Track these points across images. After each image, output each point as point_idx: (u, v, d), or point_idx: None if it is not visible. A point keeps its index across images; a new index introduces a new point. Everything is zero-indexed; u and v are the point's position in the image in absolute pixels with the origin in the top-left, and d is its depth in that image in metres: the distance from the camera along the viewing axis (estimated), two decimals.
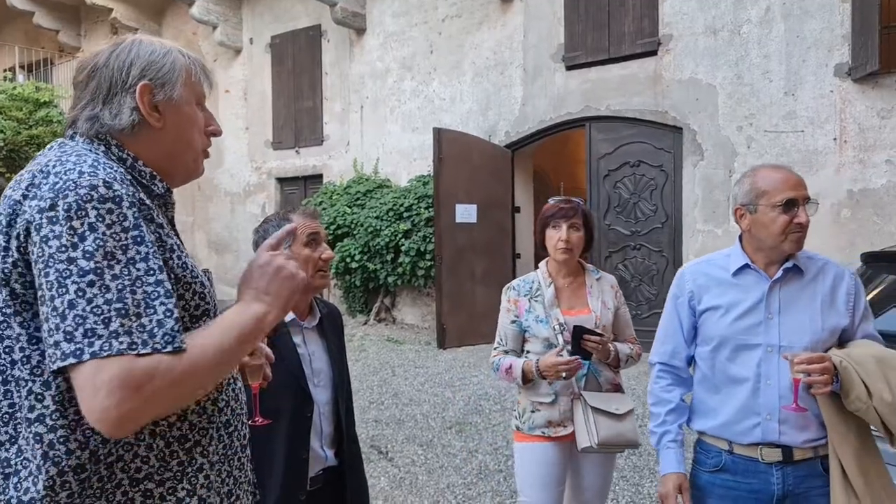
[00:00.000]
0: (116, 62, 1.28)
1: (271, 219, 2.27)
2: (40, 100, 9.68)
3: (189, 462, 1.24)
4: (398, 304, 10.58)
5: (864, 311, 2.05)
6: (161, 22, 13.89)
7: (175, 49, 1.35)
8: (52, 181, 1.11)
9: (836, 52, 7.03)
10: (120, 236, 1.10)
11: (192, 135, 1.36)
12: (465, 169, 8.86)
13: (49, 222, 1.08)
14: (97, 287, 1.05)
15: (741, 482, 2.05)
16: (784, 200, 2.00)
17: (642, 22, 8.33)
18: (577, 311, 2.75)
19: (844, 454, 1.91)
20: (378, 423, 5.70)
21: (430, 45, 10.31)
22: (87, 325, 1.03)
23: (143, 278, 1.10)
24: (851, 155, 6.96)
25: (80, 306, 1.04)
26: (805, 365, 1.87)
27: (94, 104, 1.27)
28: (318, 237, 2.19)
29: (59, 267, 1.06)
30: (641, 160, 8.42)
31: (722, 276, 2.16)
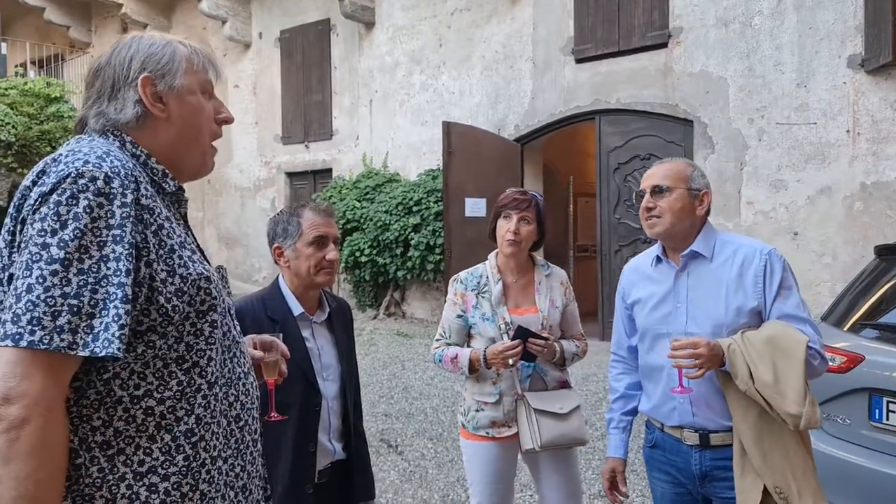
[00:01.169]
0: (118, 59, 1.31)
1: (284, 211, 2.26)
2: (51, 95, 9.72)
3: (194, 457, 1.23)
4: (408, 298, 10.58)
5: (777, 291, 2.04)
6: (171, 17, 13.92)
7: (175, 41, 1.36)
8: (59, 168, 1.13)
9: (850, 44, 6.96)
10: (102, 232, 1.10)
11: (199, 123, 1.37)
12: (475, 163, 8.85)
13: (42, 204, 1.10)
14: (59, 277, 1.06)
15: (670, 458, 2.20)
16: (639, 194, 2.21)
17: (652, 14, 8.28)
18: (524, 310, 2.67)
19: (743, 433, 1.99)
20: (388, 417, 5.70)
21: (440, 39, 10.29)
22: (35, 312, 1.04)
23: (110, 278, 1.10)
24: (864, 147, 6.90)
25: (35, 292, 1.04)
26: (672, 350, 1.97)
27: (100, 101, 1.30)
28: (325, 239, 2.17)
29: (33, 249, 1.07)
30: (652, 153, 8.36)
31: (646, 269, 2.28)
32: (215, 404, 1.29)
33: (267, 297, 2.23)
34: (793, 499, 1.93)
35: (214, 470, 1.27)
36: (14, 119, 9.06)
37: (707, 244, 2.14)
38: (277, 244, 2.21)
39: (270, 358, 1.67)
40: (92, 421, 1.14)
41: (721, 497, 2.10)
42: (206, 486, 1.25)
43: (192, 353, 1.25)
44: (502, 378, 2.63)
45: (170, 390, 1.21)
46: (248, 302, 2.22)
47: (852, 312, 3.36)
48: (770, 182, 7.44)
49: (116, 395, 1.16)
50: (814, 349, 1.97)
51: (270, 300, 2.22)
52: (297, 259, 2.16)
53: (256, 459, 1.41)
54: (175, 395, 1.21)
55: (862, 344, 3.10)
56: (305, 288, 2.21)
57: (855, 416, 3.01)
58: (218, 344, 1.30)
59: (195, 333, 1.25)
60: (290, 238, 2.17)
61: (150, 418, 1.19)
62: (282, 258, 2.21)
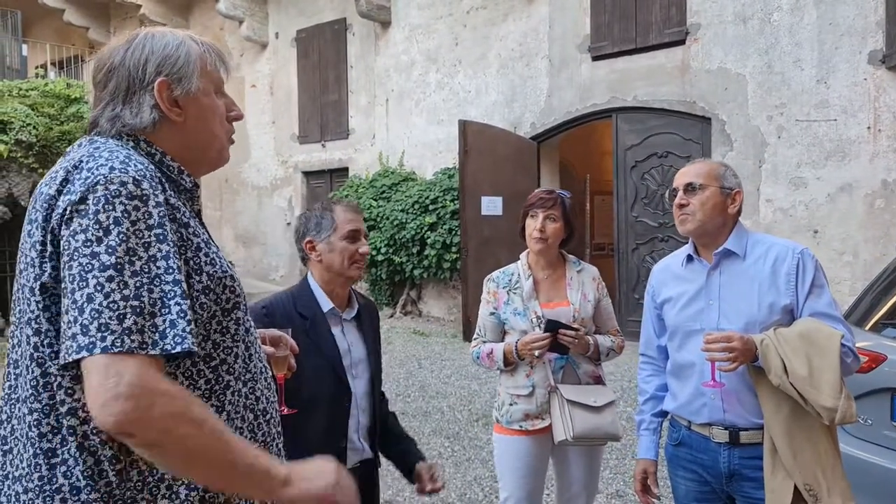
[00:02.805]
0: (132, 60, 1.28)
1: (316, 207, 2.26)
2: (71, 96, 9.80)
3: None
4: (424, 296, 10.60)
5: (809, 289, 2.06)
6: (188, 17, 14.01)
7: (188, 38, 1.34)
8: (83, 176, 1.12)
9: (870, 39, 6.88)
10: (143, 233, 1.11)
11: (213, 124, 1.37)
12: (491, 161, 8.84)
13: (78, 215, 1.09)
14: (116, 282, 1.06)
15: (697, 456, 2.20)
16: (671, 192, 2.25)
17: (670, 10, 8.22)
18: (555, 304, 2.71)
19: (774, 430, 1.98)
20: (405, 416, 5.71)
21: (456, 38, 10.28)
22: (101, 319, 1.04)
23: (162, 276, 1.10)
24: (886, 144, 6.81)
25: (97, 300, 1.05)
26: (705, 344, 1.97)
27: (114, 104, 1.28)
28: (358, 233, 2.19)
29: (82, 261, 1.07)
30: (669, 151, 8.32)
31: (676, 269, 2.31)
32: (243, 400, 1.30)
33: (297, 293, 2.23)
34: (822, 496, 1.92)
35: None
36: (35, 120, 9.15)
37: (740, 243, 2.16)
38: (310, 238, 2.20)
39: (280, 353, 1.69)
40: None
41: (748, 496, 2.09)
42: None
43: (218, 350, 1.25)
44: (535, 370, 2.67)
45: (199, 389, 1.22)
46: (278, 298, 2.22)
47: (874, 312, 3.33)
48: (790, 179, 7.37)
49: None
50: (847, 347, 1.97)
51: (300, 296, 2.21)
52: (330, 252, 2.16)
53: (281, 452, 1.43)
54: (204, 394, 1.22)
55: (884, 343, 3.07)
56: (337, 282, 2.22)
57: (877, 416, 2.98)
58: (242, 341, 1.31)
59: (221, 331, 1.26)
60: (324, 232, 2.17)
61: None
62: (313, 252, 2.19)
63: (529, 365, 2.67)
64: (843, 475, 1.97)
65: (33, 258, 1.15)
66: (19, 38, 12.80)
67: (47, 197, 1.15)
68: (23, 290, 1.18)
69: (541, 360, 2.64)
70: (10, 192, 9.16)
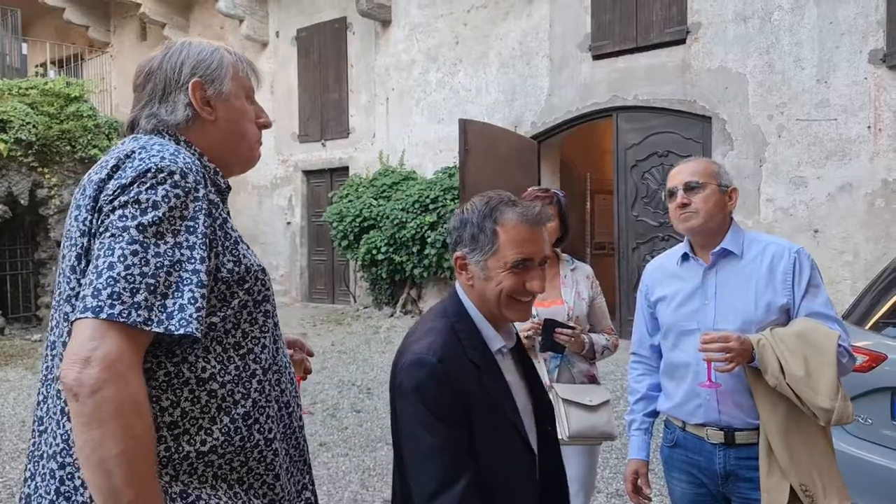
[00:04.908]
0: (169, 64, 1.38)
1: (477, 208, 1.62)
2: (71, 95, 9.79)
3: (248, 438, 1.29)
4: (424, 295, 10.59)
5: (806, 289, 2.05)
6: (188, 17, 14.00)
7: (222, 47, 1.45)
8: (135, 164, 1.20)
9: (871, 39, 6.87)
10: (176, 221, 1.18)
11: (244, 126, 1.46)
12: (491, 160, 8.82)
13: (123, 193, 1.17)
14: (138, 258, 1.12)
15: (692, 458, 2.18)
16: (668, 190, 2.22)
17: (671, 10, 8.22)
18: (550, 303, 2.72)
19: (771, 430, 1.97)
20: None
21: (456, 37, 10.27)
22: (115, 287, 1.10)
23: (183, 263, 1.17)
24: (886, 143, 6.81)
25: (117, 269, 1.11)
26: (702, 344, 1.96)
27: (151, 104, 1.38)
28: (530, 262, 1.54)
29: (115, 232, 1.14)
30: (670, 150, 8.31)
31: (671, 267, 2.29)
32: (269, 389, 1.35)
33: (459, 327, 1.58)
34: (818, 496, 1.92)
35: (268, 451, 1.33)
36: (35, 118, 9.14)
37: (737, 242, 2.15)
38: (461, 253, 1.61)
39: (297, 356, 1.71)
40: (161, 402, 1.20)
41: (744, 497, 2.08)
42: (256, 464, 1.31)
43: (247, 339, 1.31)
44: None
45: (229, 374, 1.27)
46: (445, 341, 1.54)
47: (874, 311, 3.32)
48: (790, 179, 7.37)
49: (184, 377, 1.22)
50: (843, 346, 1.97)
51: (464, 332, 1.58)
52: (485, 281, 1.56)
53: (301, 444, 1.47)
54: (233, 380, 1.28)
55: (884, 343, 3.07)
56: (492, 316, 1.61)
57: (877, 415, 2.98)
58: (270, 333, 1.37)
59: (250, 322, 1.32)
60: (479, 251, 1.56)
61: (213, 400, 1.24)
62: (464, 273, 1.61)
63: None
64: (838, 475, 1.97)
65: (76, 238, 1.22)
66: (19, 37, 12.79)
67: (97, 181, 1.22)
68: (64, 271, 1.24)
69: (534, 354, 2.64)
70: (9, 190, 9.16)
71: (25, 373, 7.51)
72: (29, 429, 5.42)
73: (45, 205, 9.59)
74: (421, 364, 1.47)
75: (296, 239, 12.58)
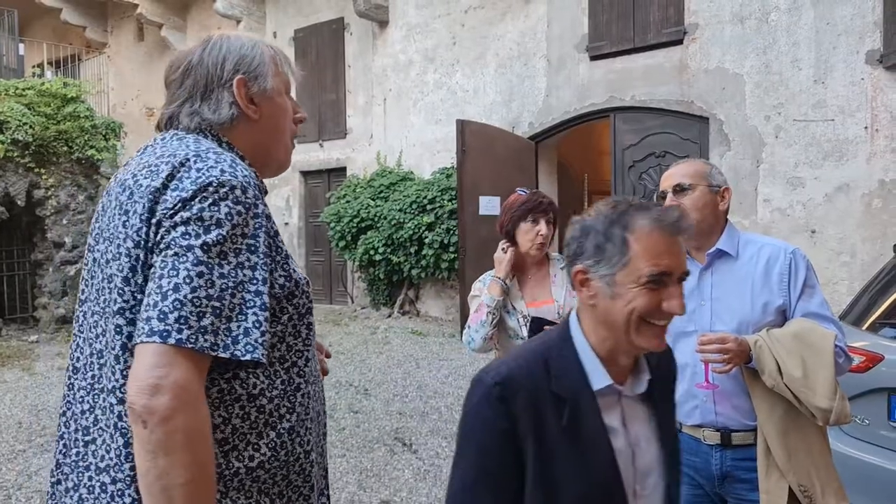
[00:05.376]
0: (210, 59, 1.34)
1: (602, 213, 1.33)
2: (68, 95, 9.77)
3: (291, 451, 1.28)
4: (422, 296, 10.59)
5: (802, 290, 2.06)
6: (185, 17, 13.99)
7: (260, 42, 1.41)
8: (194, 175, 1.16)
9: (868, 39, 6.88)
10: (238, 239, 1.15)
11: (284, 124, 1.43)
12: (489, 161, 8.83)
13: (184, 209, 1.13)
14: (204, 279, 1.09)
15: (688, 459, 2.15)
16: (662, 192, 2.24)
17: (668, 10, 8.22)
18: (540, 302, 2.72)
19: (769, 431, 1.97)
20: (402, 416, 5.71)
21: (453, 37, 10.27)
22: (182, 311, 1.07)
23: (246, 284, 1.14)
24: (883, 144, 6.82)
25: (182, 292, 1.08)
26: (700, 345, 1.95)
27: (192, 101, 1.34)
28: (667, 277, 1.26)
29: (178, 251, 1.10)
30: (667, 151, 8.32)
31: None
32: (309, 402, 1.34)
33: (553, 355, 1.33)
34: (816, 496, 1.92)
35: (307, 463, 1.32)
36: (31, 119, 9.13)
37: (732, 242, 2.15)
38: (582, 266, 1.32)
39: None
40: (213, 419, 1.17)
41: (741, 498, 2.08)
42: (296, 476, 1.30)
43: (291, 353, 1.29)
44: None
45: (276, 389, 1.26)
46: (520, 365, 1.31)
47: (871, 311, 3.33)
48: (787, 179, 7.38)
49: (236, 393, 1.20)
50: (839, 347, 1.97)
51: (558, 362, 1.32)
52: (612, 300, 1.28)
53: (324, 451, 1.47)
54: (280, 394, 1.26)
55: (881, 343, 3.07)
56: (622, 345, 1.31)
57: (874, 415, 2.98)
58: (312, 345, 1.36)
59: (294, 335, 1.30)
60: (605, 263, 1.29)
61: (261, 416, 1.23)
62: (584, 290, 1.33)
63: None
64: (836, 475, 1.98)
65: (129, 248, 1.16)
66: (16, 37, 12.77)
67: (152, 189, 1.17)
68: (111, 279, 1.18)
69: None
70: (6, 191, 9.14)
71: (22, 374, 7.49)
72: (26, 430, 5.42)
73: (41, 205, 9.58)
74: (477, 383, 1.31)
75: (293, 239, 12.57)
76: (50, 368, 7.77)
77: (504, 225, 2.79)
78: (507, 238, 2.79)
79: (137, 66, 15.08)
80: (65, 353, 8.60)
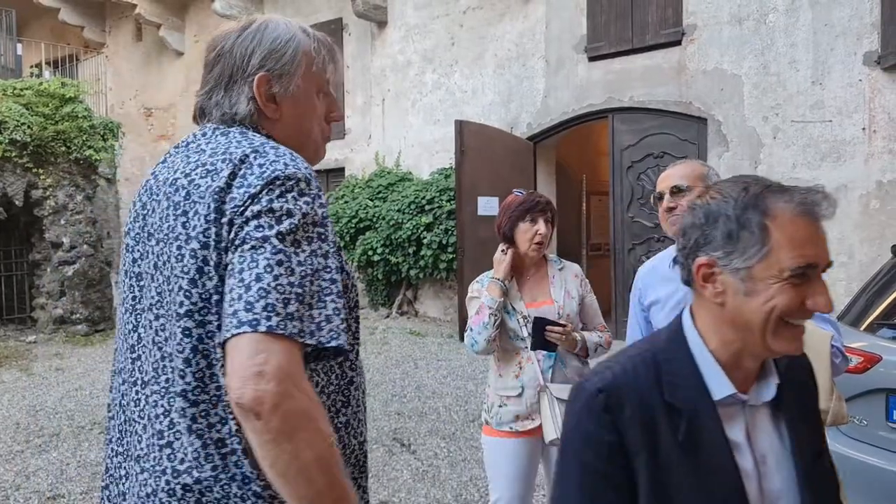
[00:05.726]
0: (240, 48, 1.30)
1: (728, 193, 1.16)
2: (66, 95, 9.75)
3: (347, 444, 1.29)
4: (420, 297, 10.59)
5: None
6: (184, 17, 13.98)
7: (300, 33, 1.34)
8: (257, 170, 1.14)
9: (865, 41, 6.90)
10: (309, 228, 1.13)
11: (310, 125, 1.37)
12: (488, 161, 8.83)
13: (253, 203, 1.11)
14: (284, 267, 1.08)
15: None
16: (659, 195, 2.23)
17: (666, 11, 8.24)
18: (539, 303, 2.73)
19: None
20: (400, 416, 5.71)
21: (452, 38, 10.28)
22: (268, 299, 1.05)
23: (321, 273, 1.13)
24: (881, 145, 6.83)
25: (265, 280, 1.06)
26: None
27: (217, 90, 1.30)
28: (812, 270, 1.16)
29: (254, 244, 1.09)
30: (665, 151, 8.33)
31: (664, 271, 2.26)
32: (359, 395, 1.34)
33: (663, 359, 1.17)
34: None
35: (360, 454, 1.33)
36: (30, 119, 9.11)
37: None
38: (708, 259, 1.14)
39: None
40: None
41: None
42: (352, 468, 1.30)
43: None
44: (524, 371, 2.67)
45: (332, 384, 1.26)
46: (626, 371, 1.16)
47: (869, 312, 3.33)
48: (785, 180, 7.21)
49: (332, 382, 1.21)
50: (835, 347, 1.97)
51: (670, 367, 1.16)
52: (746, 297, 1.11)
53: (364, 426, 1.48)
54: (335, 389, 1.26)
55: (879, 344, 3.08)
56: (749, 348, 1.14)
57: (872, 416, 2.99)
58: (359, 338, 1.35)
59: (345, 329, 1.28)
60: (738, 255, 1.11)
61: None
62: (710, 286, 1.15)
63: (518, 366, 2.68)
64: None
65: (193, 249, 1.14)
66: (14, 37, 12.76)
67: (215, 190, 1.14)
68: (171, 280, 1.16)
69: (536, 360, 2.64)
70: (4, 191, 9.13)
71: (20, 374, 7.48)
72: (24, 430, 5.42)
73: (39, 206, 9.56)
74: (578, 391, 1.17)
75: None
76: (48, 369, 7.76)
77: (502, 226, 2.80)
78: (504, 240, 2.80)
79: (135, 67, 15.07)
80: (62, 354, 8.59)
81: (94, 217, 10.11)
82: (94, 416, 5.90)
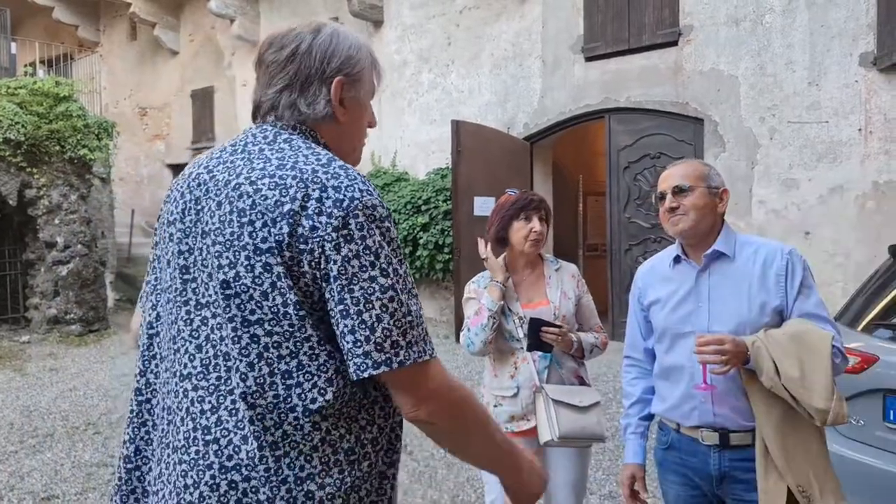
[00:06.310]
0: (319, 50, 1.32)
1: None
2: (60, 94, 9.71)
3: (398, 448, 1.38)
4: None
5: (799, 290, 2.06)
6: (179, 16, 13.94)
7: (365, 46, 1.40)
8: (334, 196, 1.16)
9: (862, 42, 6.91)
10: (396, 253, 1.21)
11: (362, 130, 1.43)
12: (484, 161, 8.82)
13: (346, 241, 1.15)
14: (395, 302, 1.17)
15: (686, 460, 2.18)
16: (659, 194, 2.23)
17: (663, 12, 8.24)
18: (536, 304, 2.72)
19: (766, 432, 1.97)
20: None
21: (448, 37, 10.27)
22: (392, 337, 1.15)
23: (411, 291, 1.22)
24: (877, 146, 6.84)
25: (385, 320, 1.15)
26: (698, 346, 1.96)
27: (291, 90, 1.32)
28: None
29: (364, 285, 1.15)
30: (662, 152, 8.33)
31: (663, 270, 2.28)
32: None
33: None
34: (815, 497, 1.92)
35: (397, 456, 1.40)
36: (23, 118, 9.07)
37: (728, 244, 2.15)
38: None
39: None
40: (366, 434, 1.26)
41: (739, 499, 2.08)
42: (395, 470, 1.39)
43: None
44: (520, 371, 2.65)
45: None
46: None
47: (866, 312, 3.33)
48: (782, 181, 7.39)
49: (372, 396, 1.26)
50: (836, 347, 1.97)
51: None
52: None
53: None
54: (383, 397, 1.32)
55: (876, 344, 3.08)
56: None
57: (869, 417, 2.99)
58: None
59: None
60: None
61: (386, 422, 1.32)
62: None
63: (514, 366, 2.66)
64: (833, 475, 1.98)
65: (266, 262, 1.16)
66: (8, 36, 12.70)
67: (288, 211, 1.15)
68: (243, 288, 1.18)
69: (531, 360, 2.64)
70: None
71: (14, 375, 7.45)
72: (17, 431, 5.39)
73: (33, 205, 9.52)
74: None
75: None
76: (41, 369, 7.72)
77: (493, 226, 2.78)
78: (499, 241, 2.78)
79: (130, 66, 15.03)
80: (56, 354, 8.56)
81: (88, 217, 10.07)
82: (89, 416, 5.87)
